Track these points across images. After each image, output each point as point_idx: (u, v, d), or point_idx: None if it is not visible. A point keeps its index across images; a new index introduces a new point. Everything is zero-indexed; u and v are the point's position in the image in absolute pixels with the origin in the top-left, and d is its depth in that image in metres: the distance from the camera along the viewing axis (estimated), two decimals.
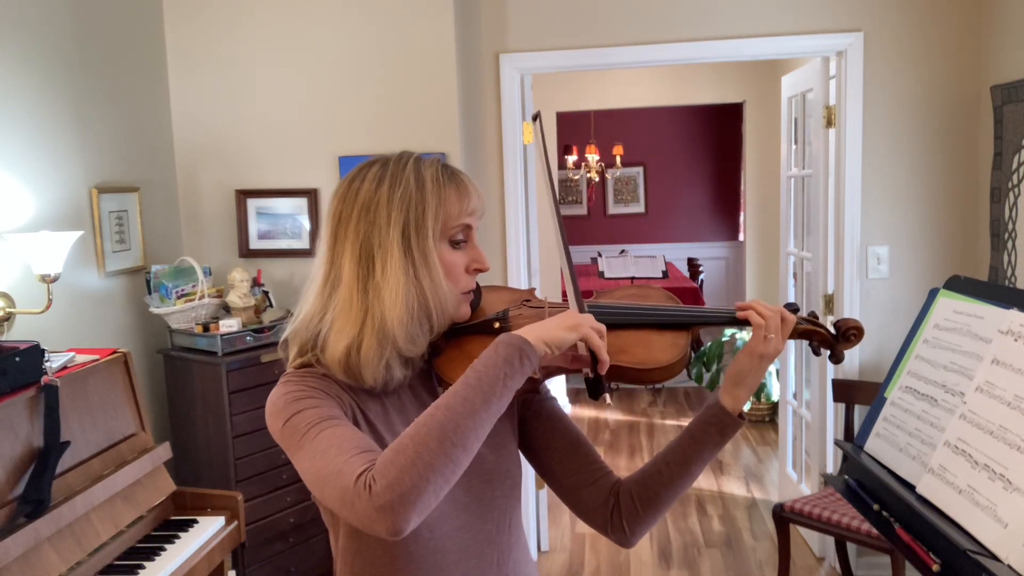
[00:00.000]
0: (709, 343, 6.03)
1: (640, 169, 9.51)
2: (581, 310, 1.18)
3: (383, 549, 1.18)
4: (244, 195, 3.44)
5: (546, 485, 1.40)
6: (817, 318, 1.33)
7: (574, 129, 8.71)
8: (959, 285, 1.37)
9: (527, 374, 1.08)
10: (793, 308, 1.35)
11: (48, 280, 2.46)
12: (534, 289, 1.42)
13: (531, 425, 1.35)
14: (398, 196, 1.17)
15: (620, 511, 1.30)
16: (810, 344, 1.33)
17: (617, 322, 1.25)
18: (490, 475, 1.25)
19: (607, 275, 6.95)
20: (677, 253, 9.28)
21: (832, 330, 1.31)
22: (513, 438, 1.32)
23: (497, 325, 1.24)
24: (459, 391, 1.04)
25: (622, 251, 8.82)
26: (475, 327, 1.25)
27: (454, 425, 1.01)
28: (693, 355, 1.29)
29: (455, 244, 1.21)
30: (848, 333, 1.30)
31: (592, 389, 1.16)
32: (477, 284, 1.27)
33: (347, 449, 1.04)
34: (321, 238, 1.24)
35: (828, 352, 1.32)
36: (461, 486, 1.19)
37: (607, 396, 1.17)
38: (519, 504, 1.32)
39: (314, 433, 1.08)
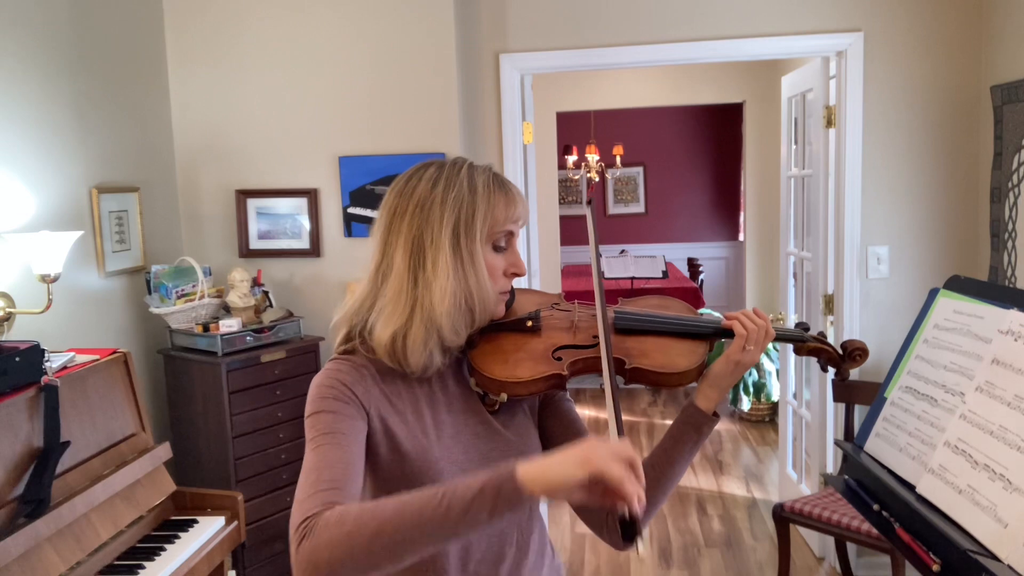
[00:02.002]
0: None
1: (640, 169, 9.51)
2: (620, 432, 1.08)
3: None
4: (244, 195, 3.44)
5: None
6: (826, 338, 1.42)
7: (574, 129, 8.71)
8: (959, 285, 1.37)
9: (501, 516, 0.99)
10: (804, 327, 1.42)
11: (48, 280, 2.46)
12: (562, 293, 1.49)
13: (547, 422, 1.41)
14: (451, 197, 1.24)
15: (614, 515, 1.34)
16: (818, 361, 1.42)
17: (641, 328, 1.34)
18: (511, 460, 1.29)
19: (607, 275, 6.94)
20: (677, 253, 9.28)
21: (839, 350, 1.39)
22: (534, 427, 1.39)
23: (530, 324, 1.33)
24: (421, 502, 1.01)
25: (622, 251, 8.81)
26: (509, 324, 1.33)
27: (393, 529, 1.00)
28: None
29: (497, 248, 1.28)
30: (854, 353, 1.38)
31: (624, 530, 1.01)
32: (512, 286, 1.34)
33: (319, 482, 1.10)
34: (375, 230, 1.30)
35: (835, 370, 1.41)
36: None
37: (639, 543, 0.99)
38: None
39: (313, 446, 1.16)
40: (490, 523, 0.99)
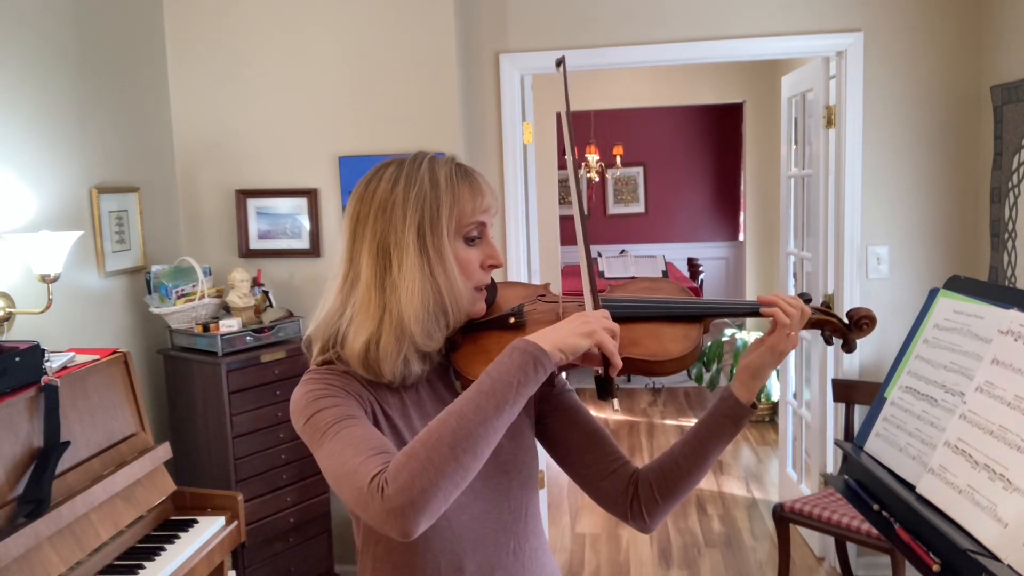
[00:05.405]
0: (709, 343, 6.02)
1: (640, 169, 9.52)
2: (596, 306, 1.19)
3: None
4: (244, 195, 3.44)
5: (546, 484, 1.42)
6: (831, 308, 1.35)
7: (574, 129, 8.71)
8: (959, 285, 1.37)
9: (540, 381, 1.09)
10: (806, 298, 1.36)
11: (48, 280, 2.46)
12: (548, 284, 1.43)
13: (549, 418, 1.37)
14: (413, 195, 1.20)
15: (640, 500, 1.32)
16: (823, 333, 1.35)
17: (629, 315, 1.26)
18: (506, 466, 1.28)
19: (607, 275, 6.95)
20: (677, 253, 9.28)
21: (845, 319, 1.33)
22: (530, 430, 1.35)
23: (512, 320, 1.26)
24: (472, 397, 1.05)
25: (622, 251, 8.82)
26: (491, 322, 1.27)
27: (465, 432, 1.02)
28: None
29: (469, 241, 1.24)
30: (860, 322, 1.32)
31: (601, 389, 1.15)
32: (492, 280, 1.29)
33: (363, 450, 1.07)
34: (341, 238, 1.26)
35: (841, 341, 1.34)
36: (479, 476, 1.22)
37: (615, 402, 1.14)
38: (536, 495, 1.35)
39: (333, 432, 1.11)
40: (532, 389, 1.08)
